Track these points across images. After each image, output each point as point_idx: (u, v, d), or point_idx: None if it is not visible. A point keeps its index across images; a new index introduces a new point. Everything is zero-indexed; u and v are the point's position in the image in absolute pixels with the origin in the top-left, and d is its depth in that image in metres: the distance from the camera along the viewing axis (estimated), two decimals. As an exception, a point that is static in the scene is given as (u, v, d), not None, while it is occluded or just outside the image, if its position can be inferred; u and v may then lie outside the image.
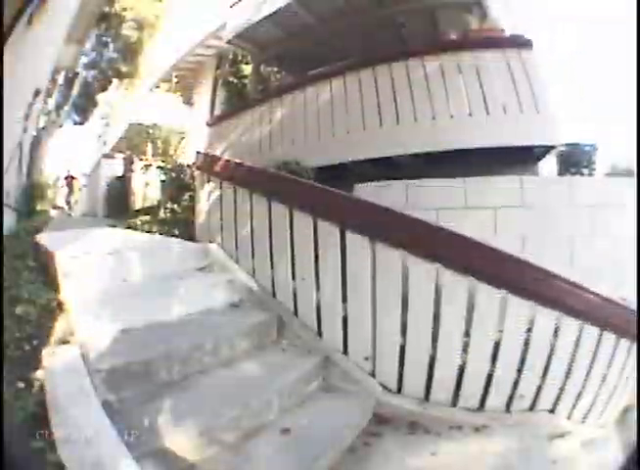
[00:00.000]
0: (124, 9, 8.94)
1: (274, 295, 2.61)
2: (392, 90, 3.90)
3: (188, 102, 6.96)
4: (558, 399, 2.41)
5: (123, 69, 9.32)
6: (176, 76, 6.91)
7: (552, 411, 2.43)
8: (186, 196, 4.05)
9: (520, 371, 2.30)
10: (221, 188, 3.12)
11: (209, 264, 2.95)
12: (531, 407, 2.39)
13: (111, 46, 9.86)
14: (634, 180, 3.72)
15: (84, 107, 10.15)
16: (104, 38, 9.59)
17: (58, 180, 9.21)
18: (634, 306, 2.68)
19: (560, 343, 2.30)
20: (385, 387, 2.27)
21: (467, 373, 2.25)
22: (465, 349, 2.24)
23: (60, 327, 1.89)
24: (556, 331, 2.28)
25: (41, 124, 6.82)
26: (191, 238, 3.30)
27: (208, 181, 3.23)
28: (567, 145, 4.06)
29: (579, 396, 2.50)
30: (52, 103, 7.99)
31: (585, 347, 2.37)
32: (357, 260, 2.29)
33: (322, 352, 2.35)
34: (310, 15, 4.93)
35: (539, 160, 4.09)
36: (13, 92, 2.67)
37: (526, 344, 2.27)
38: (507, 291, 2.17)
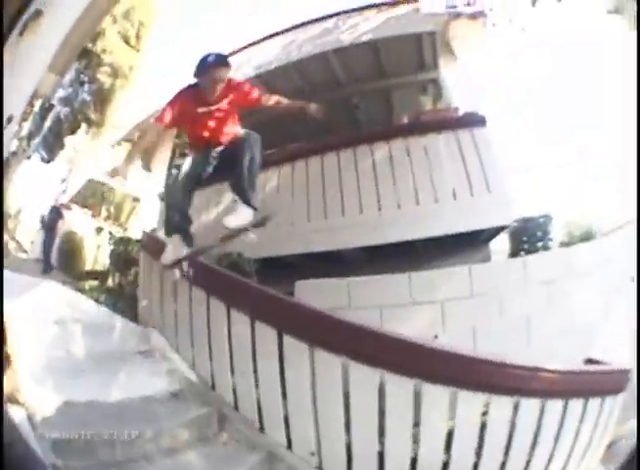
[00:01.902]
0: (104, 50, 9.07)
1: (214, 387, 2.60)
2: (339, 179, 3.90)
3: (147, 167, 6.88)
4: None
5: (92, 115, 9.33)
6: (139, 137, 6.90)
7: None
8: (132, 271, 4.00)
9: (479, 454, 2.32)
10: (163, 274, 3.08)
11: (151, 350, 2.94)
12: None
13: (86, 87, 9.96)
14: (596, 244, 3.92)
15: (53, 145, 10.08)
16: (82, 76, 9.68)
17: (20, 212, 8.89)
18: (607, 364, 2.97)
19: (520, 422, 2.33)
20: None
21: (421, 464, 2.26)
22: (416, 440, 2.26)
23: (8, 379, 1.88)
24: (515, 412, 2.31)
25: (12, 148, 6.65)
26: (135, 317, 3.26)
27: (153, 263, 3.19)
28: (519, 220, 4.11)
29: (550, 460, 2.52)
30: (26, 129, 7.88)
31: (548, 419, 2.41)
32: (295, 363, 2.33)
33: (266, 447, 2.37)
34: (268, 92, 4.95)
35: (490, 240, 4.12)
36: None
37: (483, 428, 2.30)
38: (456, 387, 2.22)
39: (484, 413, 2.33)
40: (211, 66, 2.39)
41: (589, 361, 3.44)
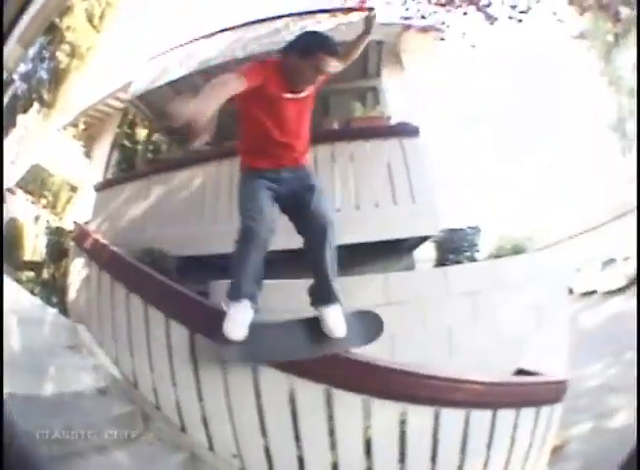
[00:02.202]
0: (68, 27, 8.68)
1: (136, 385, 2.54)
2: None
3: (88, 155, 6.66)
4: None
5: (45, 95, 8.92)
6: (84, 123, 6.69)
7: None
8: (64, 263, 3.95)
9: (403, 462, 2.32)
10: (89, 267, 3.05)
11: (79, 345, 2.89)
12: None
13: (45, 64, 9.54)
14: (528, 258, 3.98)
15: (7, 122, 9.61)
16: (44, 51, 9.26)
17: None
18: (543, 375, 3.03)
19: (443, 432, 2.33)
20: None
21: (342, 466, 2.24)
22: (334, 447, 2.24)
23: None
24: (436, 422, 2.31)
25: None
26: (66, 310, 3.23)
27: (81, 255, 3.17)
28: (445, 231, 4.09)
29: (486, 468, 2.53)
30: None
31: (476, 430, 2.42)
32: (207, 363, 2.29)
33: (189, 448, 2.32)
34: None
35: (414, 249, 4.13)
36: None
37: (404, 437, 2.29)
38: (369, 396, 2.22)
39: (403, 422, 2.30)
40: (325, 51, 1.87)
41: (521, 372, 3.54)
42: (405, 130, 3.89)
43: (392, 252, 3.87)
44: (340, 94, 4.71)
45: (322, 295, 2.15)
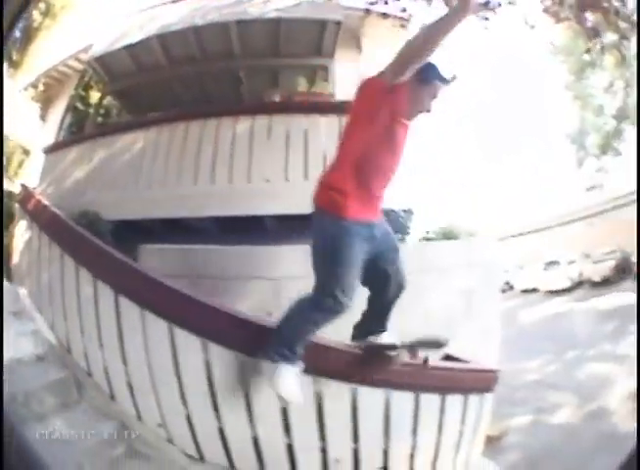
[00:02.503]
0: None
1: (69, 351, 2.55)
2: (198, 148, 3.83)
3: (43, 118, 6.51)
4: (387, 457, 2.43)
5: (15, 54, 8.63)
6: (44, 84, 6.53)
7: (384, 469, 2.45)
8: (11, 226, 3.89)
9: (323, 440, 2.31)
10: (31, 229, 3.03)
11: (20, 310, 2.86)
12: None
13: (22, 21, 9.23)
14: (462, 245, 4.05)
15: None
16: (27, 7, 8.93)
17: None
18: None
19: (362, 411, 2.33)
20: (189, 455, 2.25)
21: (263, 441, 2.24)
22: (251, 419, 2.22)
23: None
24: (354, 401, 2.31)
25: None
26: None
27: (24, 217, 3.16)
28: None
29: (414, 452, 2.54)
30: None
31: (397, 411, 2.43)
32: (130, 326, 2.30)
33: (119, 417, 2.30)
34: (164, 55, 4.80)
35: None
36: None
37: (320, 411, 2.27)
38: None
39: (320, 398, 2.28)
40: (440, 80, 1.91)
41: (449, 358, 3.44)
42: (346, 109, 3.94)
43: None
44: (290, 70, 4.76)
45: (374, 329, 2.25)
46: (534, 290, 14.20)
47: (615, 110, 13.11)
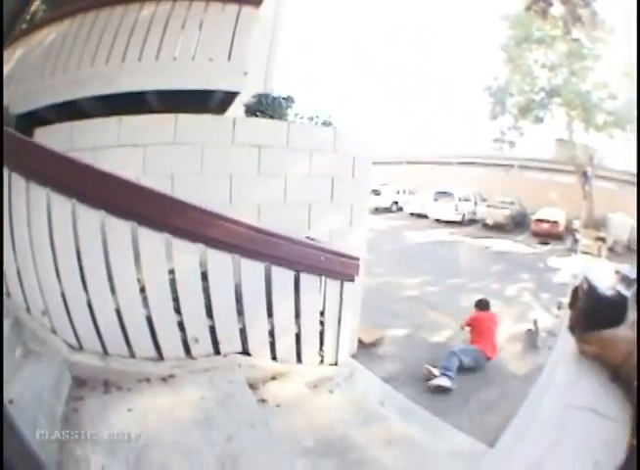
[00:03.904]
0: None
1: None
2: (100, 34, 3.88)
3: None
4: (246, 340, 2.53)
5: None
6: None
7: (247, 354, 2.56)
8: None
9: (179, 313, 2.39)
10: None
11: None
12: (217, 351, 2.48)
13: None
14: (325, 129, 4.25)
15: None
16: None
17: None
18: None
19: (214, 275, 2.42)
20: (69, 345, 2.27)
21: (127, 321, 2.31)
22: (114, 290, 2.29)
23: None
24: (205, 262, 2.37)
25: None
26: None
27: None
28: (257, 96, 4.32)
29: (276, 336, 2.64)
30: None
31: (248, 283, 2.53)
32: (15, 196, 2.25)
33: (13, 312, 2.25)
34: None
35: (227, 107, 4.39)
36: None
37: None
38: (169, 234, 2.30)
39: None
40: None
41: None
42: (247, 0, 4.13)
43: (205, 104, 4.26)
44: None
45: None
46: (424, 216, 15.72)
47: (549, 86, 14.38)
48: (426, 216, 16.01)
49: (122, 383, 2.20)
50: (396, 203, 17.13)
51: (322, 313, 2.98)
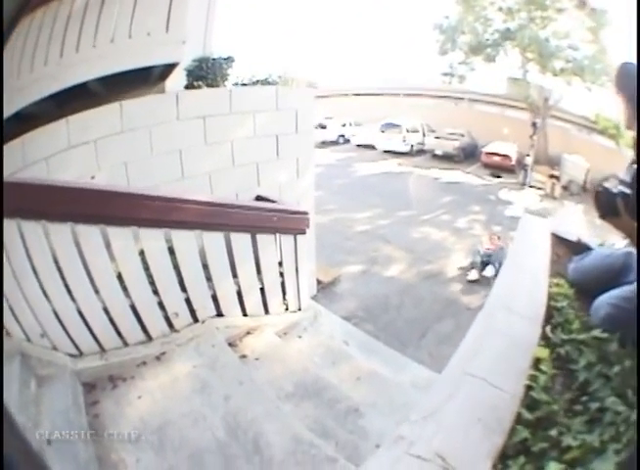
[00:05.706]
0: None
1: None
2: (52, 25, 3.53)
3: None
4: (218, 304, 2.78)
5: None
6: None
7: (220, 315, 2.83)
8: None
9: (157, 294, 2.60)
10: None
11: None
12: (195, 320, 2.75)
13: None
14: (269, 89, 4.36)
15: None
16: None
17: None
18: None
19: (180, 253, 2.62)
20: (72, 355, 2.43)
21: (114, 314, 2.51)
22: (96, 289, 2.44)
23: None
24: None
25: None
26: None
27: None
28: (197, 60, 4.32)
29: (243, 294, 2.89)
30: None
31: (213, 252, 2.74)
32: (7, 240, 2.27)
33: (17, 350, 2.31)
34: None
35: (165, 78, 4.28)
36: None
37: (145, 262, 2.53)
38: (105, 224, 2.42)
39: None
40: None
41: (260, 199, 4.07)
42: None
43: (145, 83, 4.15)
44: None
45: None
46: (372, 147, 16.14)
47: (504, 28, 14.14)
48: (373, 147, 16.09)
49: (125, 372, 2.41)
50: (343, 136, 17.13)
51: (280, 264, 3.28)
